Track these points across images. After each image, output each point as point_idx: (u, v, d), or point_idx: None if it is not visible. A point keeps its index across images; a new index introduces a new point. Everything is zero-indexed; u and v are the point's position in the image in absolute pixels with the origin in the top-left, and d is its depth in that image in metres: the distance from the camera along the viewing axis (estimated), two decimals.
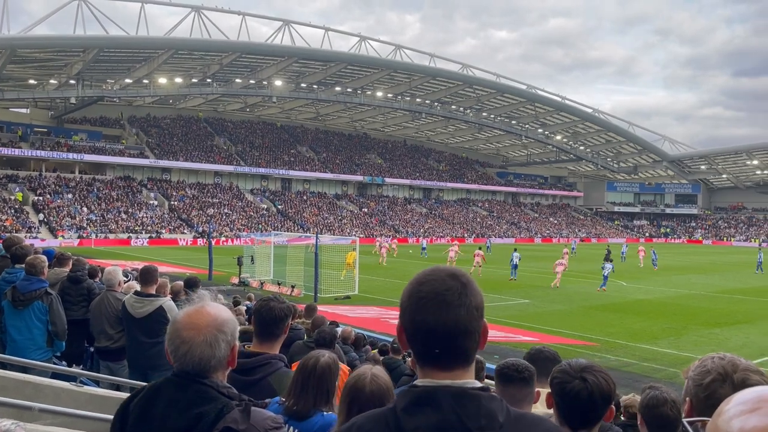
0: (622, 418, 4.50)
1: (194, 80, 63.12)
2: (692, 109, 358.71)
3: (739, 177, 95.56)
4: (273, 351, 3.09)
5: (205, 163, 68.16)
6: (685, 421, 1.33)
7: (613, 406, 2.11)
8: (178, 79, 61.93)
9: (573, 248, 51.05)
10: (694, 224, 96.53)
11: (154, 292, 5.76)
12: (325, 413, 2.68)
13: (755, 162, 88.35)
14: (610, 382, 2.08)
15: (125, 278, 7.56)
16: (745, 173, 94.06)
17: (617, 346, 15.39)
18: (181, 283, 6.44)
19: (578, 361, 2.17)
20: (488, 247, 49.83)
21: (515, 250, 32.54)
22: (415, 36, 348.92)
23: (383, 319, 17.96)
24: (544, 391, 2.92)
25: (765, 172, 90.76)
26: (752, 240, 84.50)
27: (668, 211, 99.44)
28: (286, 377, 2.91)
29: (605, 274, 27.06)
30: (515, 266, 30.60)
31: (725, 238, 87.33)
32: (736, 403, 0.84)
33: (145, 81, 60.51)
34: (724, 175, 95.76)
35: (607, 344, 15.62)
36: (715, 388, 1.53)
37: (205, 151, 71.03)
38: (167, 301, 5.69)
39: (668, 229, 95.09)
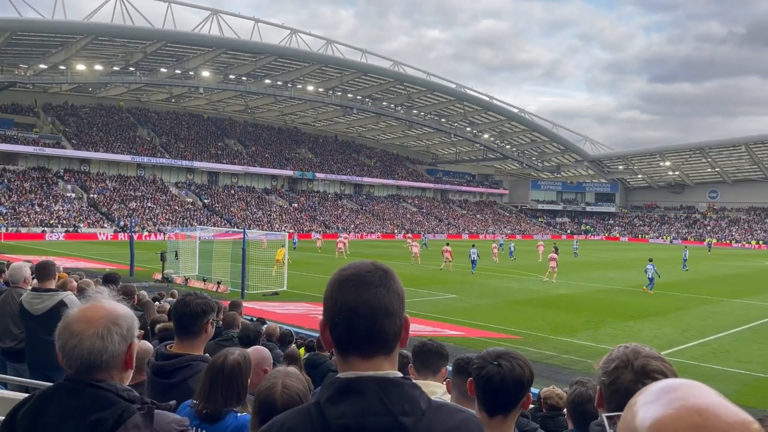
0: (543, 410, 4.59)
1: (116, 68, 60.53)
2: (612, 111, 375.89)
3: (653, 177, 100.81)
4: (195, 351, 2.91)
5: (127, 154, 65.44)
6: (604, 416, 1.34)
7: (530, 394, 2.14)
8: (98, 67, 59.16)
9: (500, 244, 52.35)
10: (612, 222, 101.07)
11: (53, 287, 5.41)
12: (238, 414, 2.57)
13: (667, 163, 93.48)
14: (525, 369, 2.11)
15: (33, 274, 7.10)
16: (658, 174, 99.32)
17: (539, 339, 15.87)
18: (88, 280, 6.08)
19: (496, 348, 2.21)
20: (425, 243, 50.44)
21: (473, 246, 33.74)
22: (349, 31, 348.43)
23: (312, 315, 17.80)
24: (431, 383, 2.94)
25: (676, 173, 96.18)
26: (664, 237, 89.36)
27: (588, 209, 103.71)
28: None
29: (650, 276, 26.51)
30: (474, 261, 31.82)
31: (640, 236, 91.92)
32: (642, 394, 0.87)
33: (62, 67, 57.51)
34: (639, 175, 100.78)
35: (530, 337, 16.08)
36: (618, 374, 1.60)
37: (128, 142, 68.26)
38: (69, 296, 5.33)
39: (588, 227, 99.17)
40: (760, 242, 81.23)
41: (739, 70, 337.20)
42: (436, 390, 2.85)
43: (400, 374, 1.38)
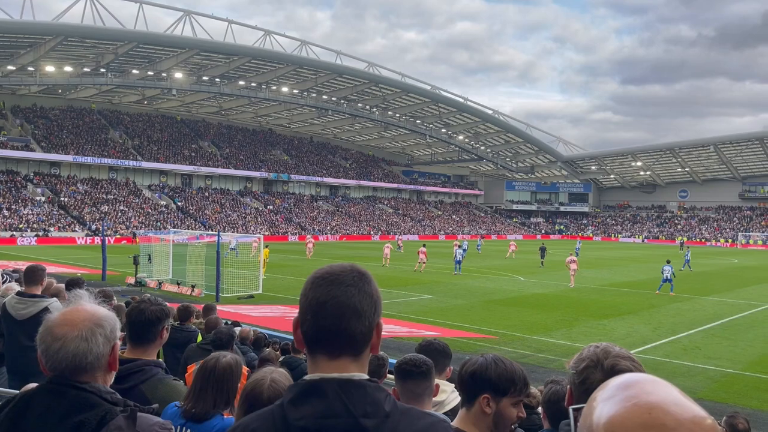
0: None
1: (86, 69, 59.55)
2: (585, 113, 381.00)
3: (625, 177, 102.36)
4: (148, 357, 2.86)
5: (99, 157, 64.36)
6: (570, 408, 1.36)
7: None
8: (68, 68, 58.16)
9: (478, 246, 52.77)
10: (585, 221, 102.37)
11: (39, 293, 5.32)
12: (225, 416, 2.57)
13: (639, 164, 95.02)
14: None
15: (2, 279, 6.96)
16: (630, 174, 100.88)
17: (515, 339, 16.00)
18: (61, 285, 5.95)
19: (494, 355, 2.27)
20: (399, 246, 50.45)
21: (459, 246, 33.78)
22: (325, 33, 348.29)
23: (288, 317, 17.68)
24: (442, 382, 2.94)
25: (647, 173, 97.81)
26: (636, 236, 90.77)
27: (562, 209, 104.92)
28: (162, 384, 2.71)
29: (668, 277, 25.86)
30: (458, 262, 31.91)
31: (612, 235, 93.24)
32: (602, 390, 0.88)
33: (31, 69, 56.43)
34: (612, 176, 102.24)
35: (506, 337, 16.20)
36: (588, 374, 1.62)
37: (99, 144, 67.18)
38: (54, 302, 5.26)
39: (562, 226, 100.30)
40: (730, 240, 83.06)
41: (708, 72, 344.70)
42: (446, 388, 2.86)
43: (365, 376, 1.38)
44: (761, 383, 12.44)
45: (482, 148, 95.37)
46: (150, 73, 61.47)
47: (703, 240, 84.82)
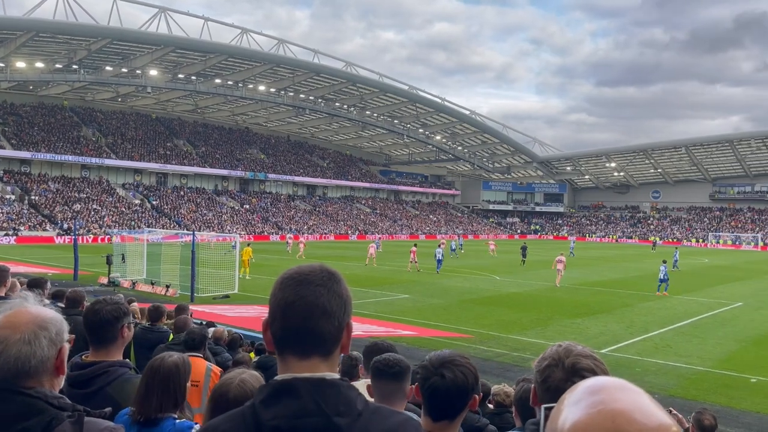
0: (490, 406, 4.66)
1: (58, 66, 58.46)
2: (560, 114, 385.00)
3: (599, 178, 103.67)
4: (111, 358, 2.78)
5: (71, 155, 63.21)
6: (543, 407, 1.38)
7: (476, 395, 2.15)
8: (40, 64, 57.06)
9: (460, 245, 52.94)
10: (560, 221, 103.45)
11: (3, 295, 5.21)
12: (177, 420, 2.48)
13: (613, 164, 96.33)
14: (468, 375, 2.11)
15: None
16: (604, 174, 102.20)
17: (490, 338, 16.11)
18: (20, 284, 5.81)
19: (441, 354, 2.19)
20: (378, 245, 50.39)
21: (439, 245, 34.42)
22: (303, 32, 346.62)
23: (264, 317, 17.58)
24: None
25: (621, 174, 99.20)
26: (610, 236, 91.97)
27: (538, 209, 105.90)
28: (129, 384, 2.66)
29: (663, 277, 26.14)
30: (439, 261, 32.50)
31: (587, 235, 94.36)
32: (571, 393, 0.88)
33: (1, 65, 55.23)
34: (586, 176, 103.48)
35: (482, 336, 16.30)
36: (549, 372, 1.63)
37: (71, 142, 66.01)
38: (17, 303, 5.15)
39: (538, 226, 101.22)
40: (701, 240, 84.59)
41: (681, 75, 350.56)
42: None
43: (337, 376, 1.38)
44: (729, 380, 12.71)
45: (459, 148, 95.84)
46: (124, 70, 60.59)
47: (675, 240, 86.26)
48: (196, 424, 2.53)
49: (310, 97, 75.44)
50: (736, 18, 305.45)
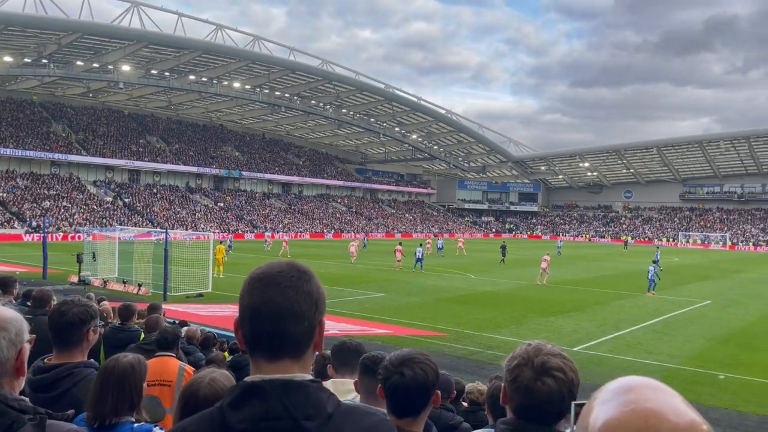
0: (465, 404, 4.67)
1: (27, 60, 57.27)
2: (535, 114, 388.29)
3: (573, 178, 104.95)
4: (75, 360, 2.69)
5: (40, 151, 61.91)
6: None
7: (438, 392, 2.17)
8: (8, 58, 55.81)
9: (440, 246, 53.12)
10: (534, 221, 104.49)
11: None
12: (135, 424, 2.39)
13: (586, 164, 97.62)
14: (429, 371, 2.12)
15: None
16: (578, 174, 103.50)
17: (465, 336, 16.19)
18: None
19: (401, 353, 2.20)
20: (364, 244, 50.41)
21: (420, 245, 35.17)
22: (280, 30, 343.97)
23: (236, 316, 17.44)
24: (348, 381, 2.95)
25: (594, 173, 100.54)
26: (584, 236, 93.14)
27: (512, 208, 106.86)
28: None
29: (650, 277, 26.34)
30: (419, 260, 33.05)
31: (561, 234, 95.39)
32: (601, 391, 0.88)
33: None
34: (560, 176, 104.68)
35: (456, 334, 16.38)
36: (518, 372, 1.64)
37: (40, 138, 64.68)
38: None
39: (513, 225, 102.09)
40: (672, 239, 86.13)
41: (653, 77, 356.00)
42: (353, 388, 2.84)
43: (307, 377, 1.35)
44: (699, 377, 12.96)
45: (435, 147, 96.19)
46: (95, 65, 59.56)
47: (646, 239, 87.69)
48: (155, 425, 2.44)
49: (286, 95, 75.02)
50: (707, 21, 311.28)
